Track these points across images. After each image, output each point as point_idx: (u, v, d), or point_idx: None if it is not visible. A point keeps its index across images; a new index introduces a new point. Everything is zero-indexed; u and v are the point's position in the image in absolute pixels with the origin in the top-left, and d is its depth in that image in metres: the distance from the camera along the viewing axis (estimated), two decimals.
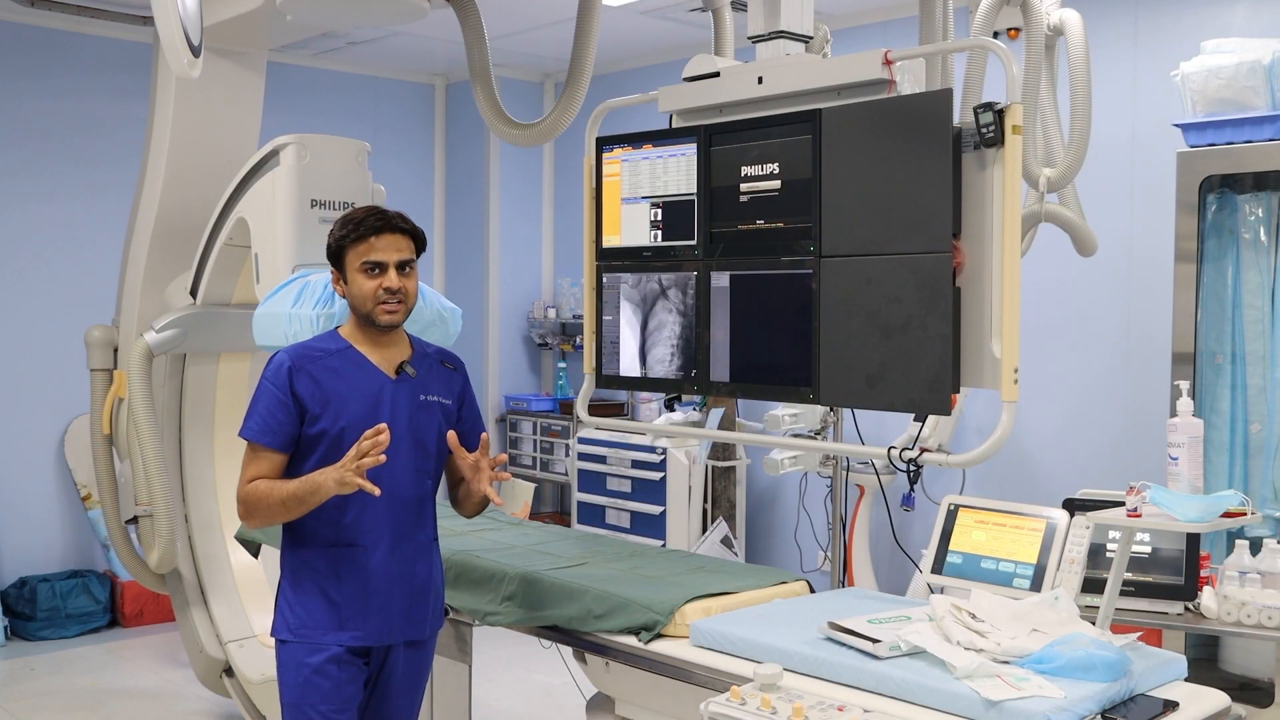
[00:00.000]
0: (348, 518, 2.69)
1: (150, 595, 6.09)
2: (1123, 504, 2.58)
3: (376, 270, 2.69)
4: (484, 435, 2.78)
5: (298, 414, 2.66)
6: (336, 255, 2.74)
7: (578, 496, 6.59)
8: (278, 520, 2.67)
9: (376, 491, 2.55)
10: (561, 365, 7.63)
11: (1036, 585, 2.62)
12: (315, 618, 2.69)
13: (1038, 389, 5.18)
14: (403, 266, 2.72)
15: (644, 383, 3.39)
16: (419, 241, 2.78)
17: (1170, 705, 2.24)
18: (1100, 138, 4.04)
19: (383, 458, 2.55)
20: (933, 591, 2.85)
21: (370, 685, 2.78)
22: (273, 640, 2.78)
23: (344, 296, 2.78)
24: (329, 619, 2.69)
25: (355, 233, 2.69)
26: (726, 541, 5.81)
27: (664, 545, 5.84)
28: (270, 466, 2.66)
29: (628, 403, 7.11)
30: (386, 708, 2.82)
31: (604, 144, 3.44)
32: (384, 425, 2.55)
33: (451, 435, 2.75)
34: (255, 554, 4.19)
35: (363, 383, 2.72)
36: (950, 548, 2.81)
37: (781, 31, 3.15)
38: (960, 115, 2.91)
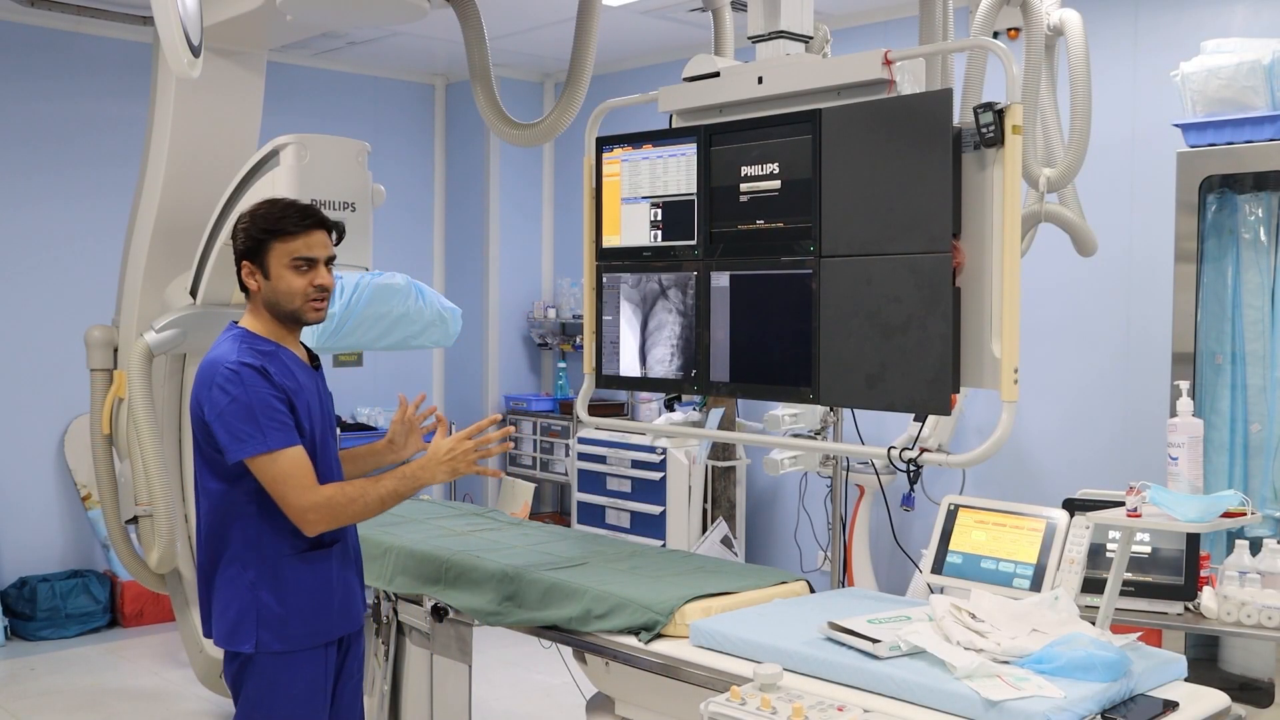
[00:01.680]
0: None
1: (150, 595, 6.09)
2: (1123, 504, 2.58)
3: (306, 266, 2.62)
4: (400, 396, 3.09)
5: (290, 407, 2.59)
6: (257, 249, 2.62)
7: (578, 496, 6.59)
8: (364, 519, 2.67)
9: (501, 475, 2.81)
10: (561, 365, 7.63)
11: (1036, 585, 2.62)
12: (309, 622, 2.64)
13: (1038, 389, 5.18)
14: (330, 263, 2.68)
15: (644, 383, 3.39)
16: (339, 237, 2.74)
17: (1170, 705, 2.24)
18: (1100, 138, 4.04)
19: (509, 445, 2.75)
20: (933, 591, 2.85)
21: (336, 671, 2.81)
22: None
23: (255, 292, 2.65)
24: (322, 620, 2.66)
25: (287, 226, 2.61)
26: (726, 541, 5.81)
27: (664, 545, 5.84)
28: (309, 462, 2.58)
29: (628, 403, 7.12)
30: (350, 686, 2.83)
31: (604, 144, 3.44)
32: (497, 416, 2.82)
33: (402, 397, 3.00)
34: None
35: (306, 380, 2.70)
36: (950, 548, 2.81)
37: (781, 31, 3.15)
38: (960, 115, 2.91)
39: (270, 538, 2.61)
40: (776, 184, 3.00)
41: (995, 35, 3.55)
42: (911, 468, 2.90)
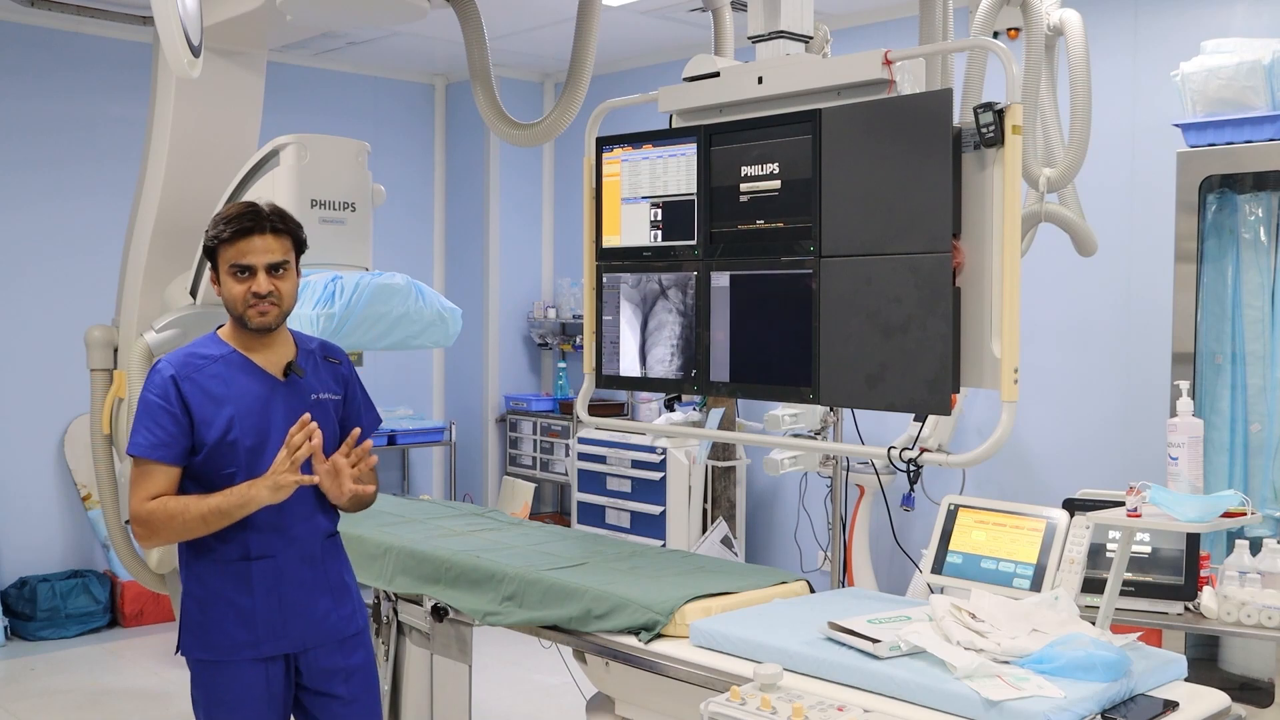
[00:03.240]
0: (252, 530, 2.60)
1: (150, 595, 6.09)
2: (1123, 504, 2.58)
3: (245, 274, 2.59)
4: (355, 431, 2.68)
5: (188, 425, 2.56)
6: (211, 254, 2.63)
7: (578, 496, 6.59)
8: (189, 537, 2.56)
9: (316, 479, 2.56)
10: (561, 365, 7.63)
11: (1036, 585, 2.62)
12: (231, 634, 2.61)
13: (1038, 389, 5.18)
14: (275, 269, 2.61)
15: (644, 383, 3.39)
16: (295, 239, 2.67)
17: (1170, 705, 2.24)
18: (1100, 138, 4.04)
19: (312, 445, 2.51)
20: (933, 591, 2.85)
21: (309, 693, 2.72)
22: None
23: (219, 296, 2.66)
24: (247, 633, 2.61)
25: (224, 233, 2.59)
26: (726, 541, 5.81)
27: (664, 545, 5.84)
28: (166, 482, 2.55)
29: (628, 403, 7.11)
30: (334, 705, 2.74)
31: (604, 144, 3.44)
32: (308, 421, 2.51)
33: (354, 433, 2.66)
34: None
35: (250, 388, 2.62)
36: (950, 548, 2.81)
37: (781, 31, 3.15)
38: (960, 115, 2.91)
39: (199, 545, 2.62)
40: (776, 184, 3.00)
41: (995, 35, 3.55)
42: (911, 468, 2.90)
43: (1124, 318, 5.13)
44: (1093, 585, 3.00)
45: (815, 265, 2.91)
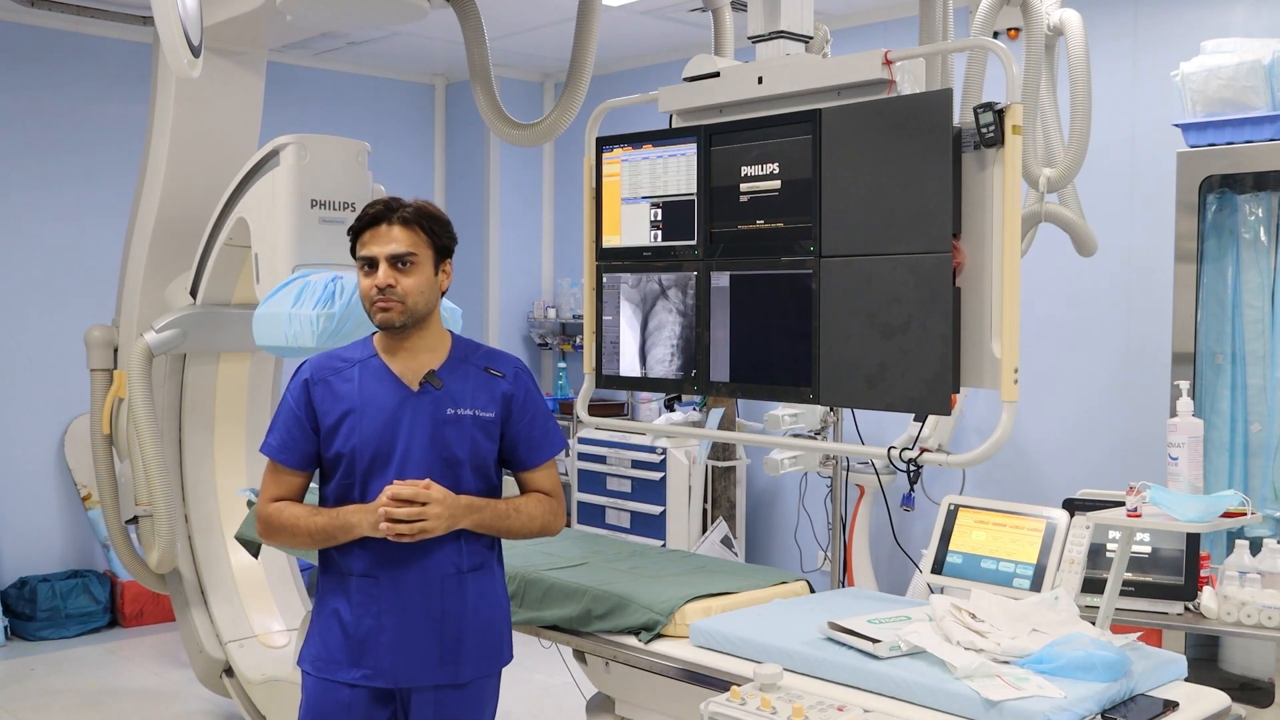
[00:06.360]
0: (358, 544, 2.47)
1: (150, 595, 6.09)
2: (1123, 504, 2.58)
3: (371, 268, 2.47)
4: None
5: (312, 431, 2.49)
6: (353, 252, 2.54)
7: (578, 496, 6.59)
8: (304, 548, 2.52)
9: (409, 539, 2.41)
10: (561, 365, 7.63)
11: (1036, 585, 2.62)
12: (331, 651, 2.50)
13: (1038, 389, 5.18)
14: (400, 261, 2.46)
15: (644, 383, 3.39)
16: (430, 233, 2.52)
17: (1170, 705, 2.24)
18: (1100, 138, 4.04)
19: (416, 532, 2.38)
20: (933, 591, 2.86)
21: None
22: (274, 641, 2.69)
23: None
24: (345, 654, 2.48)
25: (356, 225, 2.51)
26: (726, 541, 5.81)
27: (664, 545, 5.84)
28: (291, 485, 2.51)
29: (628, 403, 7.11)
30: None
31: (604, 144, 3.44)
32: (420, 486, 2.38)
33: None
34: (255, 554, 4.18)
35: (379, 397, 2.48)
36: (950, 548, 2.81)
37: (781, 31, 3.15)
38: (960, 115, 2.91)
39: (324, 557, 2.56)
40: (776, 184, 3.00)
41: (995, 35, 3.55)
42: (911, 468, 2.90)
43: (1124, 318, 5.13)
44: (1093, 585, 3.00)
45: (815, 265, 2.91)
